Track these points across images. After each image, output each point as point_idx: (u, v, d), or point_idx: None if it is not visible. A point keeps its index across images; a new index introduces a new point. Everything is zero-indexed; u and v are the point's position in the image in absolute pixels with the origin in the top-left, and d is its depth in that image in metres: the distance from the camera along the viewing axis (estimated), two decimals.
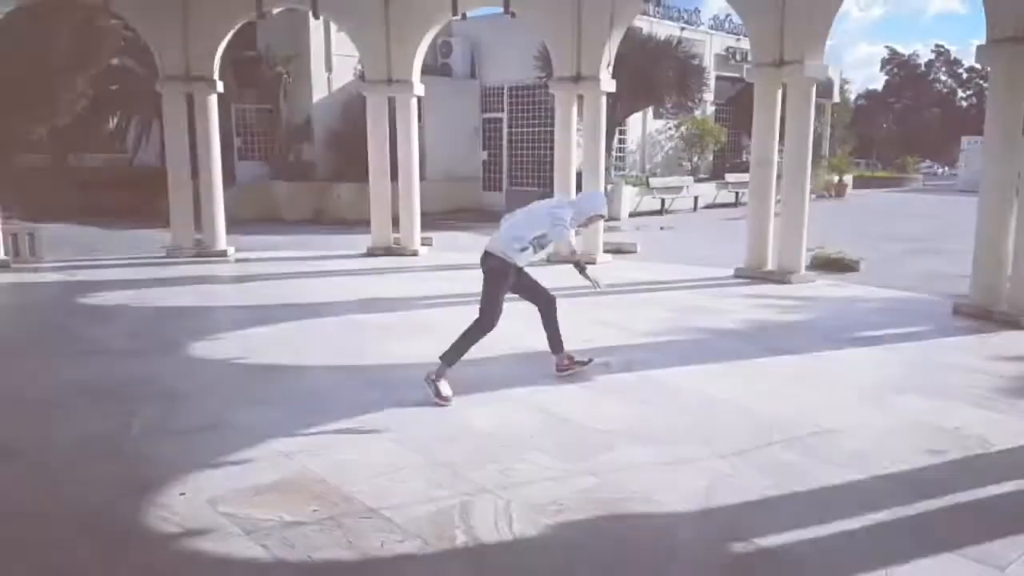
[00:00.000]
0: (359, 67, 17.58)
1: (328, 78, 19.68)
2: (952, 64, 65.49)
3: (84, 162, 24.26)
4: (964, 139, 33.63)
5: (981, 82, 56.95)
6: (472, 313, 5.46)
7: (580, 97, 11.29)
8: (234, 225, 14.22)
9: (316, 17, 12.25)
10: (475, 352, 5.23)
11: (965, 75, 64.26)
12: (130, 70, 20.73)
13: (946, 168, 55.22)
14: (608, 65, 11.00)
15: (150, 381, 5.59)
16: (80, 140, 23.15)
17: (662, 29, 21.15)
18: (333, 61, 19.61)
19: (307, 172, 19.29)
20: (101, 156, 26.40)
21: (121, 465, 4.12)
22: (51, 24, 15.15)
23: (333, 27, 18.25)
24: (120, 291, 9.16)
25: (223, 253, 12.07)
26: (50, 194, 18.35)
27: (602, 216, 5.67)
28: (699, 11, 23.70)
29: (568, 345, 5.62)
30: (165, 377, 5.68)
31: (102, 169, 22.91)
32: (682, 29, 22.33)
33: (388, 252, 12.36)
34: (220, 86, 11.95)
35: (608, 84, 11.10)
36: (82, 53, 16.21)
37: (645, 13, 16.87)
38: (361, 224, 14.43)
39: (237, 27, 12.05)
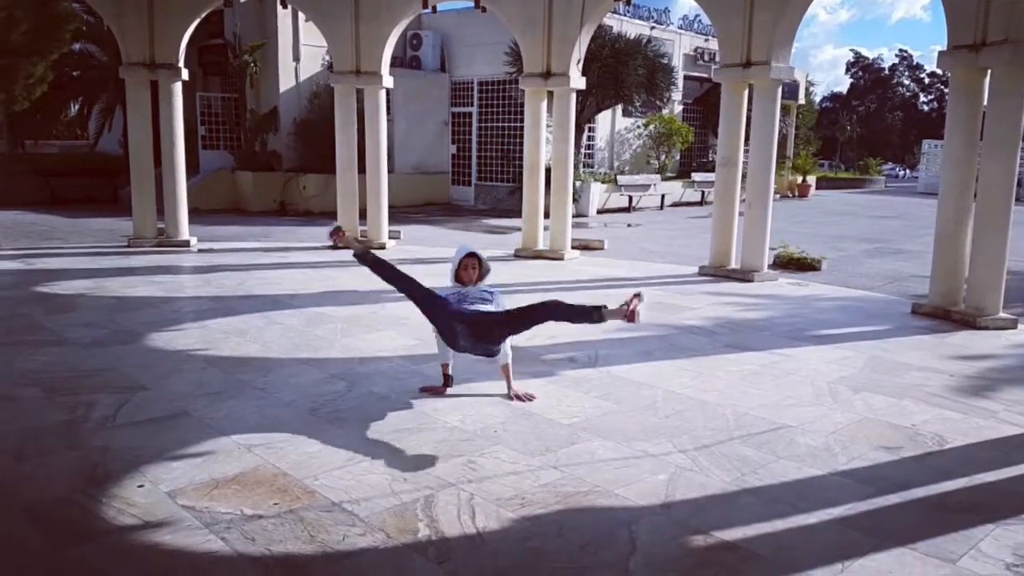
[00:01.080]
0: (327, 57, 17.43)
1: (296, 68, 19.47)
2: (915, 69, 67.01)
3: (43, 149, 23.80)
4: (925, 142, 34.35)
5: (942, 87, 58.21)
6: None
7: (550, 94, 11.31)
8: (197, 215, 14.05)
9: (284, 6, 12.11)
10: (436, 346, 5.21)
11: (927, 80, 65.77)
12: (92, 56, 20.38)
13: (907, 171, 56.31)
14: (578, 62, 11.04)
15: (108, 372, 5.49)
16: (39, 126, 22.71)
17: (632, 28, 21.28)
18: (301, 51, 19.40)
19: (272, 163, 19.07)
20: (61, 143, 25.91)
21: (77, 457, 4.04)
22: (8, 7, 14.78)
23: (301, 16, 18.06)
24: (79, 280, 8.99)
25: (186, 243, 11.91)
26: (7, 181, 18.00)
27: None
28: (669, 11, 23.89)
29: (535, 340, 5.61)
30: (124, 368, 5.59)
31: (62, 156, 22.48)
32: (652, 28, 22.49)
33: None
34: (185, 74, 11.76)
35: (578, 81, 11.13)
36: (41, 37, 15.83)
37: (615, 12, 16.91)
38: (327, 216, 14.33)
39: (204, 14, 11.87)
